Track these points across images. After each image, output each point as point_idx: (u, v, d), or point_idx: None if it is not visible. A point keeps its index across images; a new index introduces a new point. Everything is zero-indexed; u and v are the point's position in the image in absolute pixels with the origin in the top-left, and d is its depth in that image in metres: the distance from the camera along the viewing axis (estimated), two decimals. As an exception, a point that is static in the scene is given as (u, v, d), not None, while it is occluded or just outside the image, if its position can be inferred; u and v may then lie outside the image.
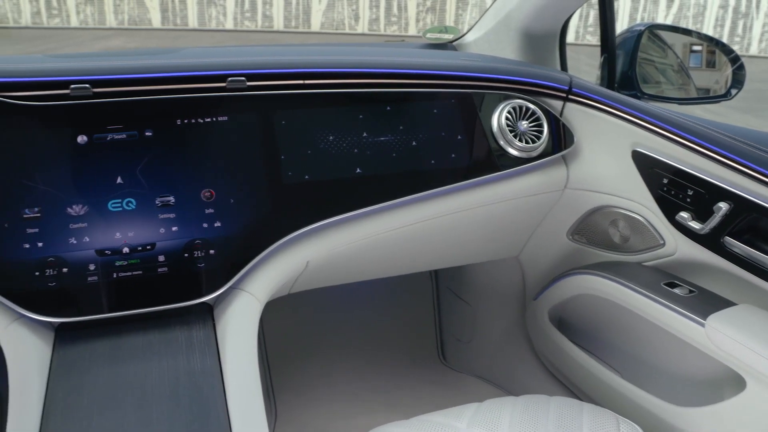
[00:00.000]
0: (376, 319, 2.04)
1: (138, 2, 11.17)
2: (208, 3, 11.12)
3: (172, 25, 11.14)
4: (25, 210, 1.03)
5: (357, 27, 11.11)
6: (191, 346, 1.01)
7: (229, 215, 1.10)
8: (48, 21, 11.24)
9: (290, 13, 11.11)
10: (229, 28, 11.11)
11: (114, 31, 11.07)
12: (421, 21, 11.19)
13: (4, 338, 1.01)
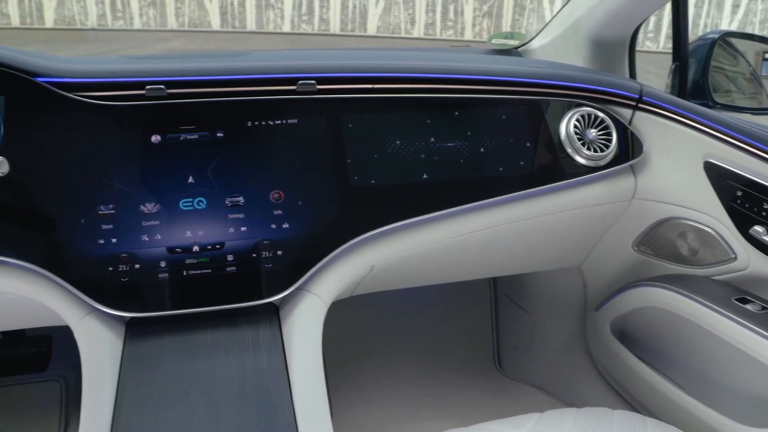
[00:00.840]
0: (433, 325, 2.03)
1: (198, 5, 11.40)
2: (266, 6, 11.28)
3: (230, 27, 11.35)
4: (101, 207, 1.06)
5: (413, 31, 11.12)
6: (258, 345, 1.02)
7: (297, 217, 1.11)
8: (112, 23, 11.57)
9: (347, 17, 11.19)
10: (286, 30, 11.25)
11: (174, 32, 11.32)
12: (477, 26, 11.14)
13: (78, 330, 1.04)
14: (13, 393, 1.81)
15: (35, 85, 1.10)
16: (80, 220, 1.05)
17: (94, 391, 0.96)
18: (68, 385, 1.82)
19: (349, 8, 11.15)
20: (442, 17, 11.12)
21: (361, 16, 11.16)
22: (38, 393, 1.81)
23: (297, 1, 11.20)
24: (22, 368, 1.80)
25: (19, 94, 1.10)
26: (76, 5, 11.64)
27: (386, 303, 1.98)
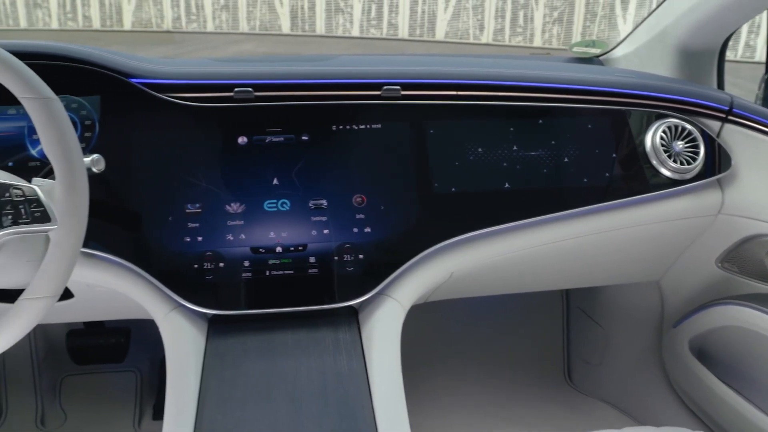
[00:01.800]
0: (503, 334, 2.01)
1: (270, 9, 11.61)
2: (336, 10, 11.40)
3: (300, 31, 11.51)
4: (188, 205, 1.09)
5: (481, 37, 11.05)
6: (338, 347, 1.03)
7: (379, 221, 1.11)
8: (187, 25, 11.89)
9: (415, 22, 11.21)
10: (354, 35, 11.34)
11: (245, 35, 11.55)
12: (546, 32, 11.00)
13: (163, 325, 1.07)
14: (90, 381, 1.88)
15: (129, 85, 1.14)
16: (168, 217, 1.08)
17: (178, 386, 0.98)
18: (143, 376, 1.88)
19: (418, 13, 11.16)
20: (511, 23, 11.03)
21: (429, 21, 11.16)
22: (114, 382, 1.87)
23: (366, 6, 11.27)
24: (100, 358, 1.86)
25: (114, 94, 1.14)
26: (152, 8, 12.01)
27: (457, 309, 1.97)
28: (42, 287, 0.82)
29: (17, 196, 0.83)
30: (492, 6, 10.99)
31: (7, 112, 1.13)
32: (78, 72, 1.14)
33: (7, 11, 11.97)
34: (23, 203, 0.82)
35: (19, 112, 1.13)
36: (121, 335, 1.85)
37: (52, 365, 1.86)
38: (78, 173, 0.84)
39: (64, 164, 0.83)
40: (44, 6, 12.05)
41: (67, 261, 0.83)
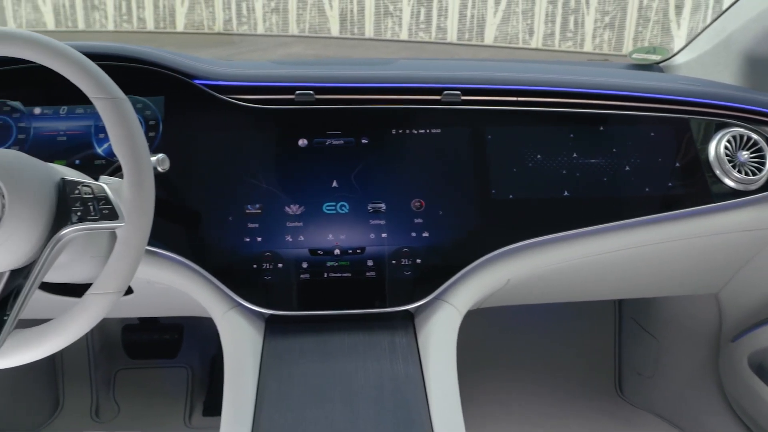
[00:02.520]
0: (553, 342, 1.98)
1: (319, 12, 11.68)
2: (385, 14, 11.42)
3: (349, 34, 11.55)
4: (248, 206, 1.10)
5: (531, 42, 10.95)
6: (394, 351, 1.03)
7: (437, 226, 1.11)
8: (237, 28, 12.05)
9: (464, 26, 11.16)
10: (403, 38, 11.34)
11: (295, 38, 11.64)
12: (597, 37, 10.83)
13: (221, 324, 1.08)
14: (143, 375, 1.92)
15: (192, 86, 1.16)
16: (228, 217, 1.10)
17: (236, 384, 0.99)
18: (194, 372, 1.91)
19: (467, 17, 11.12)
20: (562, 28, 10.90)
21: (478, 25, 11.10)
22: (166, 377, 1.91)
23: (415, 9, 11.27)
24: (154, 353, 1.90)
25: (177, 94, 1.16)
26: (205, 11, 12.20)
27: (507, 316, 1.96)
28: (109, 283, 0.84)
29: (86, 193, 0.85)
30: (542, 10, 10.88)
31: (75, 111, 1.16)
32: (143, 73, 1.16)
33: (66, 13, 12.30)
34: (92, 201, 0.84)
35: (86, 112, 1.16)
36: (174, 332, 1.88)
37: (107, 359, 1.90)
38: (145, 172, 0.85)
39: (132, 163, 0.85)
40: (101, 8, 12.34)
41: (133, 258, 0.85)
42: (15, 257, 0.81)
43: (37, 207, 0.81)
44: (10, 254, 0.81)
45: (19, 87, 1.19)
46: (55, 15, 12.30)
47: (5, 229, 0.79)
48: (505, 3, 10.87)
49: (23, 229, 0.80)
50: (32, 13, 12.29)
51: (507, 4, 10.86)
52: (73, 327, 0.83)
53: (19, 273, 0.84)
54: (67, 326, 0.83)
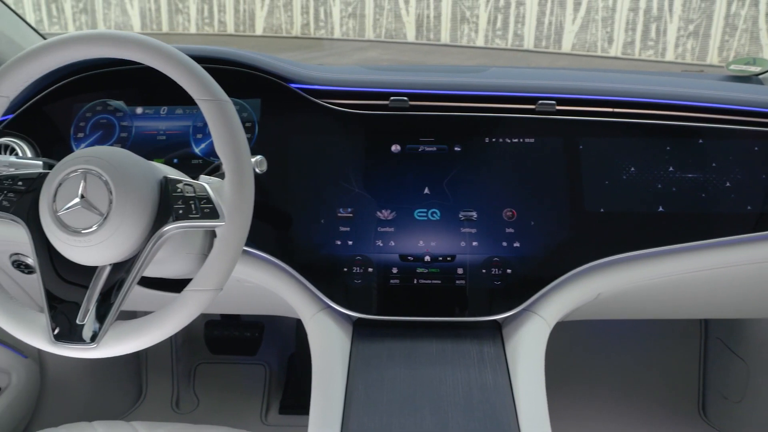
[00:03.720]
0: (636, 360, 1.93)
1: (396, 17, 11.74)
2: (462, 20, 11.39)
3: (425, 39, 11.57)
4: (340, 209, 1.11)
5: (610, 50, 10.72)
6: (482, 361, 1.02)
7: (528, 237, 1.10)
8: (315, 32, 12.24)
9: (541, 33, 11.02)
10: (479, 45, 11.28)
11: (371, 43, 11.73)
12: (680, 46, 10.52)
13: (310, 325, 1.10)
14: (222, 370, 1.97)
15: (288, 90, 1.18)
16: (320, 220, 1.11)
17: (324, 385, 1.00)
18: (272, 371, 1.94)
19: (544, 24, 10.97)
20: (643, 36, 10.63)
21: (556, 32, 10.94)
22: (245, 374, 1.95)
23: (492, 16, 11.20)
24: (234, 349, 1.94)
25: (273, 97, 1.18)
26: (283, 15, 12.44)
27: (591, 329, 1.92)
28: (207, 280, 0.86)
29: (188, 192, 0.87)
30: (623, 18, 10.64)
31: (175, 111, 1.20)
32: (241, 75, 1.19)
33: (152, 16, 12.76)
34: (193, 199, 0.86)
35: (185, 112, 1.20)
36: (255, 329, 1.92)
37: (189, 352, 1.96)
38: (246, 173, 0.88)
39: (234, 164, 0.87)
40: (184, 12, 12.74)
41: (232, 257, 0.87)
42: (118, 251, 0.85)
43: (141, 204, 0.84)
44: (114, 248, 0.84)
45: (122, 87, 1.23)
46: (141, 18, 12.77)
47: (111, 224, 0.82)
48: (584, 10, 10.68)
49: (128, 224, 0.83)
50: (120, 16, 12.80)
51: (586, 11, 10.67)
52: (171, 321, 0.86)
53: (121, 267, 0.87)
54: (166, 320, 0.86)
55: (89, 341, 0.84)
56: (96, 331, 0.85)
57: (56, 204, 0.83)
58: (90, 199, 0.83)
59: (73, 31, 0.90)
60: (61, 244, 0.84)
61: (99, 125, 1.21)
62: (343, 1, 11.98)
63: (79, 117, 1.21)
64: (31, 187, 0.89)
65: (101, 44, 0.87)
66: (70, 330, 0.85)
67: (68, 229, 0.82)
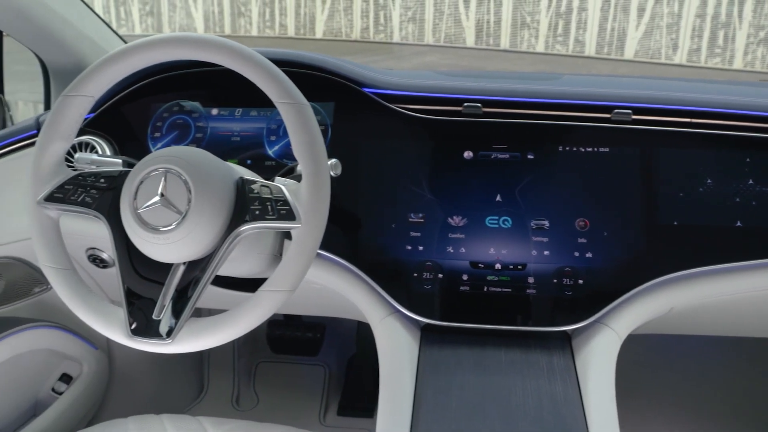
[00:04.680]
0: (707, 378, 1.86)
1: (455, 22, 11.72)
2: (522, 25, 11.29)
3: (484, 45, 11.51)
4: (411, 214, 1.12)
5: (674, 57, 10.47)
6: (552, 371, 1.01)
7: (601, 248, 1.08)
8: (374, 36, 12.30)
9: (603, 39, 10.83)
10: (539, 51, 11.16)
11: (429, 47, 11.73)
12: (750, 54, 10.20)
13: (378, 329, 1.10)
14: (282, 370, 1.99)
15: (362, 94, 1.19)
16: (392, 224, 1.11)
17: (392, 389, 1.01)
18: (331, 372, 1.96)
19: (607, 30, 10.78)
20: (709, 43, 10.35)
21: (619, 39, 10.74)
22: (304, 374, 1.96)
23: (553, 21, 11.07)
24: (295, 349, 1.96)
25: (347, 101, 1.19)
26: (343, 18, 12.55)
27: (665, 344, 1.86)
28: (282, 281, 0.87)
29: (264, 193, 0.89)
30: (689, 25, 10.38)
31: (249, 113, 1.22)
32: (315, 79, 1.20)
33: (215, 19, 13.03)
34: (270, 201, 0.88)
35: (259, 114, 1.22)
36: (317, 330, 1.94)
37: (251, 350, 1.99)
38: (323, 176, 0.88)
39: (312, 167, 0.87)
40: (246, 15, 12.98)
41: (307, 259, 0.87)
42: (195, 250, 0.87)
43: (219, 203, 0.86)
44: (191, 247, 0.86)
45: (198, 89, 1.26)
46: (204, 21, 13.06)
47: (189, 222, 0.84)
48: (648, 16, 10.47)
49: (205, 223, 0.85)
50: (185, 18, 13.10)
51: (650, 17, 10.44)
52: (245, 320, 0.87)
53: (197, 265, 0.89)
54: (241, 319, 0.87)
55: (165, 337, 0.86)
56: (172, 327, 0.86)
57: (137, 201, 0.86)
58: (169, 198, 0.85)
59: (158, 34, 0.93)
60: (140, 241, 0.86)
61: (175, 125, 1.24)
62: (403, 6, 12.01)
63: (156, 117, 1.25)
64: (112, 185, 0.92)
65: (184, 47, 0.89)
66: (146, 325, 0.87)
67: (147, 227, 0.84)
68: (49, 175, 0.93)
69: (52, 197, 0.92)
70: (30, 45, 1.40)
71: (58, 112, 0.93)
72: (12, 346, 1.28)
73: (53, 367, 1.45)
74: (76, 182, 0.93)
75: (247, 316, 0.87)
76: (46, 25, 1.32)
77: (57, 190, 0.92)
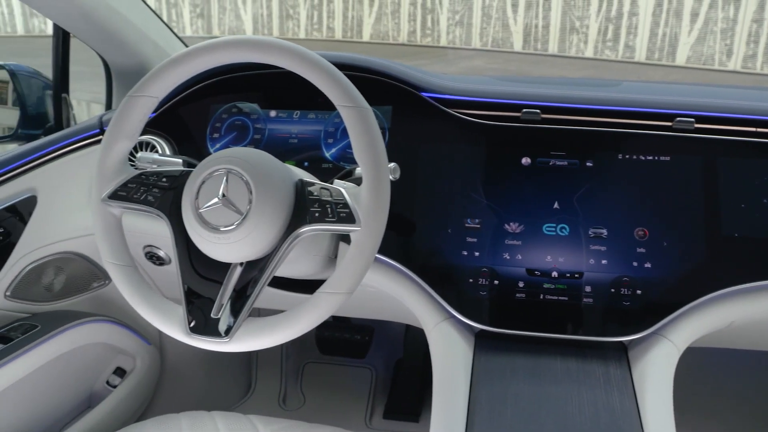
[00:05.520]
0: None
1: (503, 26, 11.65)
2: (571, 30, 11.18)
3: (532, 49, 11.42)
4: (467, 219, 1.11)
5: (728, 63, 10.23)
6: (609, 382, 0.99)
7: (660, 258, 1.06)
8: (421, 39, 12.32)
9: (654, 45, 10.64)
10: (588, 56, 11.03)
11: (476, 51, 11.69)
12: (809, 61, 9.93)
13: (432, 334, 1.10)
14: (330, 371, 2.00)
15: (419, 98, 1.19)
16: (447, 229, 1.11)
17: (446, 395, 1.00)
18: (378, 374, 1.96)
19: (658, 36, 10.58)
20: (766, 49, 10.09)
21: (670, 44, 10.53)
22: (351, 376, 1.97)
23: (603, 26, 10.92)
24: (344, 351, 1.97)
25: (405, 105, 1.19)
26: (390, 22, 12.59)
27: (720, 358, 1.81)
28: (341, 283, 0.87)
29: (324, 195, 0.89)
30: (744, 30, 10.13)
31: (307, 116, 1.23)
32: (372, 82, 1.21)
33: (263, 22, 13.21)
34: (330, 203, 0.88)
35: (317, 117, 1.23)
36: (365, 333, 1.94)
37: (298, 350, 2.00)
38: (384, 180, 0.88)
39: (373, 171, 0.88)
40: (295, 17, 13.11)
41: (366, 262, 0.88)
42: (254, 250, 0.87)
43: (279, 205, 0.87)
44: (251, 247, 0.87)
45: (257, 91, 1.28)
46: (253, 23, 13.24)
47: (249, 223, 0.85)
48: (701, 21, 10.25)
49: (265, 224, 0.85)
50: (234, 21, 13.31)
51: (704, 22, 10.23)
52: (303, 321, 0.88)
53: (255, 265, 0.90)
54: (299, 320, 0.87)
55: (223, 335, 0.87)
56: (230, 325, 0.87)
57: (198, 201, 0.87)
58: (231, 198, 0.86)
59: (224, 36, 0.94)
60: (200, 240, 0.87)
61: (234, 126, 1.25)
62: (451, 9, 12.00)
63: (215, 118, 1.27)
64: (173, 184, 0.93)
65: (248, 49, 0.90)
66: (205, 324, 0.88)
67: (208, 226, 0.85)
68: (113, 174, 0.95)
69: (115, 195, 0.94)
70: (95, 46, 1.44)
71: (124, 112, 0.94)
72: (72, 339, 1.31)
73: (108, 360, 1.48)
74: (139, 181, 0.95)
75: (305, 318, 0.88)
76: (112, 27, 1.35)
77: (121, 188, 0.94)
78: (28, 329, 1.27)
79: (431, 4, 12.18)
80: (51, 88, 1.54)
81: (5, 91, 1.55)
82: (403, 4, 12.37)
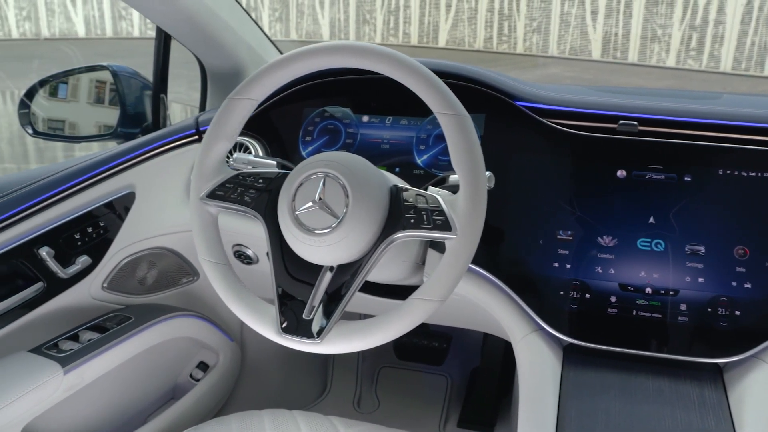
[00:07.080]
0: None
1: (582, 34, 11.45)
2: (652, 38, 10.88)
3: (611, 57, 11.17)
4: (559, 231, 1.10)
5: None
6: (703, 405, 0.96)
7: (762, 279, 1.02)
8: (497, 46, 12.22)
9: (741, 54, 10.25)
10: (669, 65, 10.71)
11: (553, 59, 11.52)
12: None
13: (519, 346, 1.09)
14: (405, 376, 2.00)
15: (513, 107, 1.18)
16: (539, 240, 1.10)
17: (533, 408, 0.99)
18: (453, 382, 1.95)
19: (746, 45, 10.18)
20: None
21: (759, 54, 10.11)
22: (426, 382, 1.97)
23: (686, 35, 10.59)
24: (421, 357, 1.97)
25: (498, 114, 1.19)
26: (467, 28, 12.54)
27: None
28: (435, 290, 0.87)
29: (420, 202, 0.89)
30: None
31: (400, 122, 1.24)
32: (466, 90, 1.20)
33: (340, 26, 13.35)
34: (426, 210, 0.88)
35: (409, 124, 1.24)
36: (444, 340, 1.93)
37: (375, 354, 2.01)
38: (481, 189, 0.88)
39: (471, 179, 0.87)
40: (371, 22, 13.22)
41: (459, 270, 0.87)
42: (348, 253, 0.88)
43: (374, 210, 0.87)
44: (345, 250, 0.88)
45: (348, 95, 1.29)
46: (330, 27, 13.40)
47: (345, 227, 0.86)
48: (794, 31, 9.83)
49: (360, 228, 0.86)
50: (312, 25, 13.50)
51: (797, 32, 9.81)
52: (395, 326, 0.88)
53: (347, 268, 0.90)
54: (391, 325, 0.88)
55: (315, 336, 0.88)
56: (322, 327, 0.88)
57: (295, 203, 0.88)
58: (327, 202, 0.87)
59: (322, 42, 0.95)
60: (295, 241, 0.89)
61: (326, 130, 1.27)
62: (528, 17, 11.87)
63: (308, 122, 1.29)
64: (269, 186, 0.95)
65: (348, 55, 0.91)
66: (296, 324, 0.89)
67: (304, 228, 0.87)
68: (212, 173, 0.98)
69: (213, 194, 0.97)
70: (194, 49, 1.49)
71: (224, 114, 0.97)
72: (162, 332, 1.36)
73: (193, 354, 1.52)
74: (236, 181, 0.97)
75: (397, 323, 0.88)
76: (211, 30, 1.40)
77: (218, 188, 0.97)
78: (123, 320, 1.33)
79: (508, 11, 12.07)
80: (149, 88, 1.60)
81: (103, 91, 1.61)
82: (480, 11, 12.30)
